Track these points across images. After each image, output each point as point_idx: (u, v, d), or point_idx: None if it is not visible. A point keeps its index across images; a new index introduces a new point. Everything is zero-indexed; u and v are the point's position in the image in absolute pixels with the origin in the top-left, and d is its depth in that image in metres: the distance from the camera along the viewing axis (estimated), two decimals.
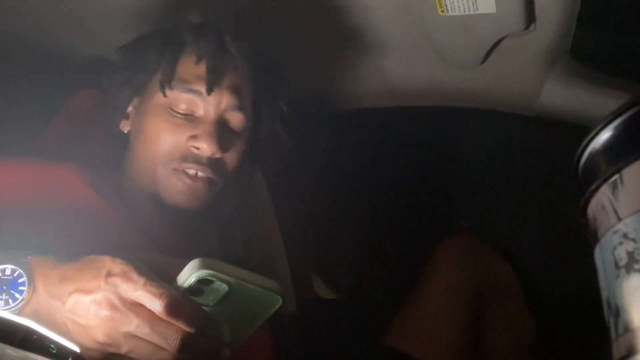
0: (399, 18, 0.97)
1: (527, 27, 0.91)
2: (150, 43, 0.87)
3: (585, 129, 0.52)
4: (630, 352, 0.44)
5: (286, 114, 0.92)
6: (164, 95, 0.82)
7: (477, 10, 0.87)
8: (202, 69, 0.82)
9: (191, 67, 0.83)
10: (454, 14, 0.89)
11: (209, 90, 0.81)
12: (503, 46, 0.98)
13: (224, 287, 0.53)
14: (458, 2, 0.87)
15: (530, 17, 0.89)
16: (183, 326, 0.52)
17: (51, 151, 0.91)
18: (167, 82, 0.82)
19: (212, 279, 0.53)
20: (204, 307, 0.54)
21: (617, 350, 0.45)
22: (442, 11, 0.89)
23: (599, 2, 1.01)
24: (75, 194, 0.79)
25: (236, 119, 0.85)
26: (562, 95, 1.02)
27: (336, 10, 0.98)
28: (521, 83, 1.05)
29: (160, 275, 0.55)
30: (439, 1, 0.88)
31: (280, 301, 0.55)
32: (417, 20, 0.96)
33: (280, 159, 1.01)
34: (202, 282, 0.53)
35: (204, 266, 0.52)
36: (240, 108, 0.84)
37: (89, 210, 0.78)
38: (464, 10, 0.88)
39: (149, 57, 0.85)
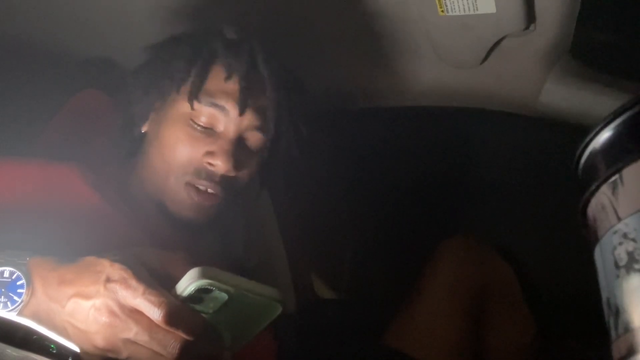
0: (399, 18, 0.97)
1: (527, 27, 0.91)
2: (180, 50, 0.85)
3: (585, 129, 0.52)
4: (630, 352, 0.44)
5: (305, 135, 0.92)
6: (192, 108, 0.81)
7: (477, 10, 0.87)
8: (230, 85, 0.82)
9: (219, 81, 0.82)
10: (454, 14, 0.89)
11: (242, 112, 0.81)
12: (503, 46, 0.98)
13: (224, 296, 0.53)
14: (458, 2, 0.87)
15: (530, 17, 0.89)
16: (182, 334, 0.51)
17: (52, 151, 0.91)
18: (195, 95, 0.81)
19: (211, 288, 0.52)
20: (204, 315, 0.54)
21: (617, 350, 0.45)
22: (442, 11, 0.89)
23: (599, 2, 1.01)
24: (76, 194, 0.78)
25: (255, 139, 0.84)
26: (562, 95, 1.02)
27: (336, 10, 0.98)
28: (521, 83, 1.05)
29: (159, 272, 0.55)
30: (439, 1, 0.88)
31: (281, 309, 0.55)
32: (417, 20, 0.96)
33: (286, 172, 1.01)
34: (201, 291, 0.53)
35: (203, 275, 0.52)
36: (261, 129, 0.84)
37: (90, 210, 0.77)
38: (464, 10, 0.88)
39: (179, 65, 0.84)
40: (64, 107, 0.98)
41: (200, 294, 0.53)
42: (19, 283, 0.55)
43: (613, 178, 0.48)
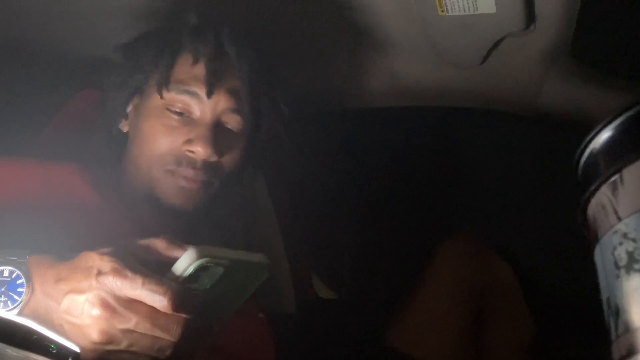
0: (399, 18, 0.97)
1: (527, 27, 0.91)
2: (148, 44, 0.86)
3: (585, 129, 0.52)
4: (630, 352, 0.44)
5: (287, 116, 0.91)
6: (161, 96, 0.82)
7: (477, 10, 0.87)
8: (198, 70, 0.82)
9: (188, 68, 0.83)
10: (454, 14, 0.89)
11: (209, 94, 0.81)
12: (503, 46, 0.98)
13: (220, 270, 0.55)
14: (458, 2, 0.87)
15: (530, 17, 0.89)
16: (184, 315, 0.52)
17: (51, 151, 0.91)
18: (163, 84, 0.81)
19: (209, 265, 0.54)
20: (201, 291, 0.55)
21: (617, 350, 0.45)
22: (442, 11, 0.89)
23: (599, 2, 1.01)
24: (75, 194, 0.79)
25: (234, 121, 0.84)
26: (562, 95, 1.02)
27: (337, 9, 0.98)
28: (521, 83, 1.05)
29: (147, 259, 0.55)
30: (439, 1, 0.88)
31: (268, 273, 0.58)
32: (417, 20, 0.96)
33: (281, 159, 1.01)
34: (199, 270, 0.54)
35: (202, 254, 0.53)
36: (238, 111, 0.83)
37: (89, 209, 0.78)
38: (464, 10, 0.88)
39: (147, 58, 0.84)
40: (63, 108, 0.99)
41: (198, 273, 0.54)
42: (18, 282, 0.55)
43: (613, 178, 0.48)
